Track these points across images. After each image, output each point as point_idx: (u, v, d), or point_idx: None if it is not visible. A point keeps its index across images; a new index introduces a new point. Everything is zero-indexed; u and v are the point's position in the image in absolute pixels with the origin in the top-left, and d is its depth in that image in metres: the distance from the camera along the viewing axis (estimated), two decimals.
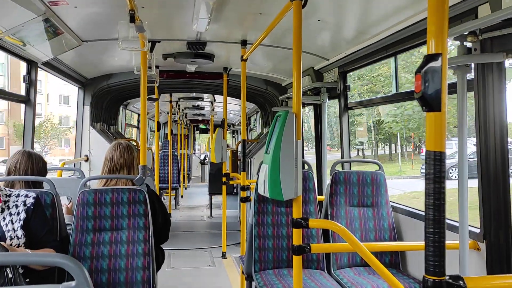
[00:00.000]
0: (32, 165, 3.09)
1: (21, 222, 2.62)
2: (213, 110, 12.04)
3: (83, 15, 3.81)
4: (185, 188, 15.28)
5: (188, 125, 18.71)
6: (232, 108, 11.57)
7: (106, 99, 7.23)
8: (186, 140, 16.52)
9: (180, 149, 14.39)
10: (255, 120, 13.00)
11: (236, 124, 18.08)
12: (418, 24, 3.24)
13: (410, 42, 3.51)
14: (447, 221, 3.11)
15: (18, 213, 2.64)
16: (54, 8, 3.48)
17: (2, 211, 2.62)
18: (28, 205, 2.67)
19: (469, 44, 2.56)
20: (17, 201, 2.68)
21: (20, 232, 2.59)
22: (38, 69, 4.65)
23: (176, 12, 3.89)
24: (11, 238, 2.57)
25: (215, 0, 3.33)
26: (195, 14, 3.74)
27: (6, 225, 2.59)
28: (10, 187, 3.03)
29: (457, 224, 2.70)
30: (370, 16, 3.62)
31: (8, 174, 3.08)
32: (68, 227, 3.17)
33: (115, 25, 3.26)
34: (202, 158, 19.96)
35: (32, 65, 4.49)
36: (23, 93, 4.58)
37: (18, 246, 2.57)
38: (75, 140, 6.73)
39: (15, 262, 1.34)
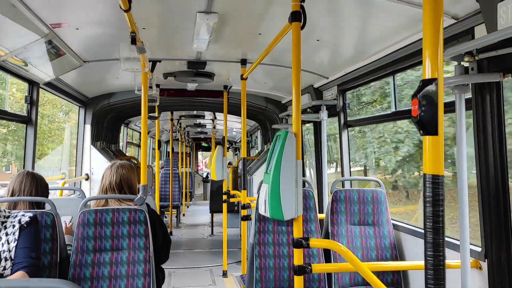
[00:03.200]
0: (37, 186, 3.11)
1: (16, 242, 2.60)
2: (214, 127, 12.08)
3: (84, 36, 3.86)
4: (187, 207, 15.22)
5: (191, 143, 18.75)
6: (234, 125, 11.62)
7: (107, 118, 7.27)
8: (188, 158, 16.53)
9: (182, 167, 14.39)
10: (256, 137, 13.04)
11: (238, 141, 18.10)
12: (416, 44, 3.28)
13: (408, 61, 3.55)
14: (449, 239, 3.10)
15: (14, 233, 2.62)
16: (57, 30, 3.53)
17: None
18: (22, 223, 2.66)
19: (466, 64, 2.59)
20: (14, 221, 2.67)
21: (14, 253, 2.57)
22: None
23: (177, 32, 3.94)
24: (6, 259, 2.55)
25: (215, 20, 3.38)
26: (195, 35, 3.79)
27: (2, 245, 2.58)
28: (13, 208, 3.03)
29: (458, 243, 2.69)
30: (368, 36, 3.66)
31: (12, 194, 3.08)
32: (68, 248, 3.16)
33: (116, 45, 3.31)
34: (204, 176, 19.97)
35: (33, 85, 4.53)
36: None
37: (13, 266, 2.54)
38: (76, 158, 6.74)
39: None
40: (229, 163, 13.15)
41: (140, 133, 11.41)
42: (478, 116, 2.65)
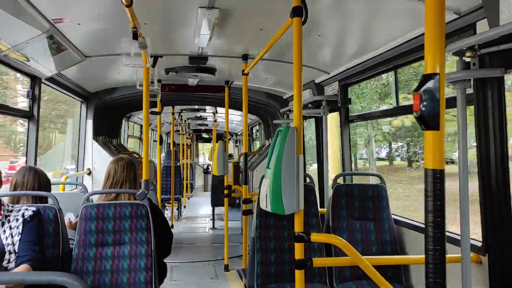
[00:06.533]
0: (39, 181, 3.15)
1: (20, 235, 2.63)
2: (215, 121, 12.08)
3: (86, 31, 3.86)
4: (188, 198, 15.25)
5: (191, 135, 18.76)
6: (234, 118, 11.61)
7: (109, 113, 7.28)
8: (189, 150, 16.56)
9: (183, 159, 14.41)
10: (257, 130, 13.03)
11: (239, 134, 18.09)
12: (419, 39, 3.27)
13: (410, 56, 3.55)
14: (449, 234, 3.11)
15: (18, 227, 2.65)
16: (58, 25, 3.54)
17: (3, 224, 2.64)
18: (26, 217, 2.69)
19: (468, 59, 2.59)
20: (17, 215, 2.70)
21: (18, 246, 2.60)
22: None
23: (178, 28, 3.94)
24: (10, 253, 2.57)
25: (216, 16, 3.37)
26: (196, 30, 3.79)
27: (6, 238, 2.61)
28: (16, 202, 3.05)
29: (458, 237, 2.70)
30: (370, 31, 3.66)
31: (15, 189, 3.11)
32: (70, 242, 3.18)
33: (118, 40, 3.31)
34: (205, 167, 19.96)
35: (35, 80, 4.54)
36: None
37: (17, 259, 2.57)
38: (78, 153, 6.76)
39: (16, 281, 1.35)
40: (230, 155, 13.12)
41: (140, 125, 11.42)
42: (480, 111, 2.65)
